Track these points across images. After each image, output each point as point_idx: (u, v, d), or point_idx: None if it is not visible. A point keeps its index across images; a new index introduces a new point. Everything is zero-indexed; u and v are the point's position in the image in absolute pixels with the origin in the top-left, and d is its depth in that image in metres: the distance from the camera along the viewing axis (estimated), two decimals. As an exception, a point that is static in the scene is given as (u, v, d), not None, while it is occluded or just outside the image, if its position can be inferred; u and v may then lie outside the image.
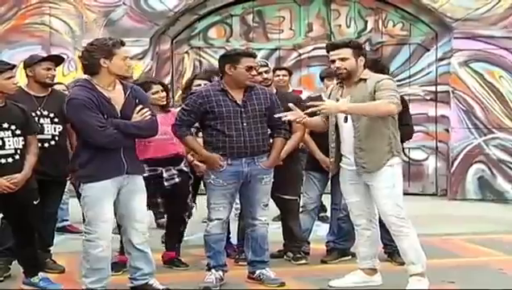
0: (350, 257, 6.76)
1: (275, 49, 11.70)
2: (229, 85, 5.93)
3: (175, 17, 11.47)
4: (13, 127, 5.67)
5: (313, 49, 11.58)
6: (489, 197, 10.92)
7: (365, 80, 5.69)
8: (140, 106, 5.50)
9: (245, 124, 5.86)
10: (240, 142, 5.84)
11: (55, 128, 6.31)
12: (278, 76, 8.71)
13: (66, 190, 6.81)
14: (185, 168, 6.62)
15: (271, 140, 6.08)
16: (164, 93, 6.58)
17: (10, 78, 5.73)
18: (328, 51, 5.82)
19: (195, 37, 11.82)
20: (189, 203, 6.71)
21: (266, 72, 6.79)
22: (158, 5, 11.28)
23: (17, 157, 5.66)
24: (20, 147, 5.69)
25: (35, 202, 5.82)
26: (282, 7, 11.72)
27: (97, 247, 5.37)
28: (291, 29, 11.73)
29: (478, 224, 8.88)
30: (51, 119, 6.31)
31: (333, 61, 5.76)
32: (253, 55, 6.06)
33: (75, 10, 11.37)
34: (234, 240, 7.07)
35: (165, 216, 7.07)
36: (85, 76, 5.52)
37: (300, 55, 11.65)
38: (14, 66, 5.91)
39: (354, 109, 5.63)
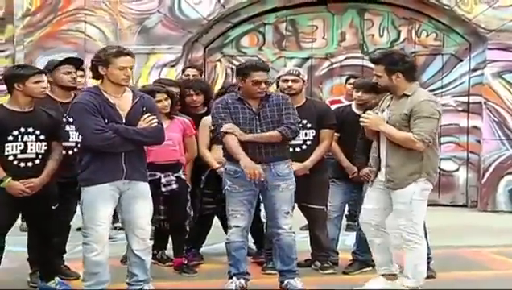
0: (371, 268, 6.74)
1: (308, 58, 11.66)
2: (244, 95, 6.03)
3: (208, 25, 11.51)
4: (37, 132, 5.72)
5: (345, 58, 11.53)
6: (520, 209, 10.82)
7: (407, 96, 5.68)
8: (148, 114, 5.56)
9: (259, 131, 5.92)
10: (254, 148, 5.90)
11: (78, 135, 6.34)
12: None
13: None
14: (183, 176, 6.68)
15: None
16: (168, 102, 6.60)
17: (38, 82, 5.74)
18: None
19: (227, 45, 11.85)
20: (188, 211, 6.75)
21: (293, 80, 6.72)
22: (193, 13, 11.33)
23: (37, 161, 5.72)
24: (42, 151, 5.75)
25: (53, 207, 5.88)
26: (315, 16, 11.67)
27: (92, 251, 5.44)
28: (323, 38, 11.68)
29: (508, 236, 8.79)
30: None
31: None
32: (264, 69, 6.03)
33: (109, 17, 11.45)
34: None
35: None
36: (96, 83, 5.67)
37: (332, 64, 11.61)
38: (42, 71, 5.95)
39: (387, 132, 5.68)
